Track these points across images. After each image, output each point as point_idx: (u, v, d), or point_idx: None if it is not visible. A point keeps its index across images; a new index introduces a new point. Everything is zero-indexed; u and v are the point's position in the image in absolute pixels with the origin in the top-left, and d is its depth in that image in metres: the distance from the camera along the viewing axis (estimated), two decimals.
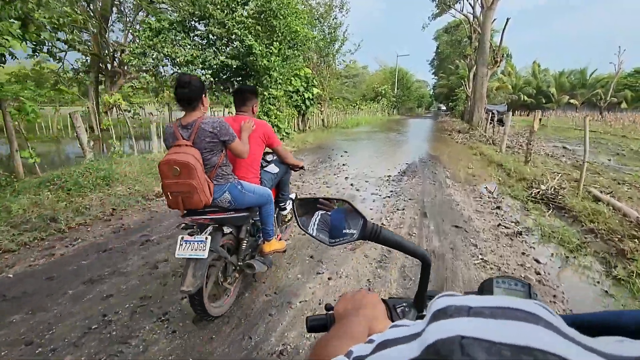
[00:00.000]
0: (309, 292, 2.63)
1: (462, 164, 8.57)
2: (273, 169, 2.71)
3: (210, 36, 11.16)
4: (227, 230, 2.26)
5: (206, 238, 1.97)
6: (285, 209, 3.06)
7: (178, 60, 10.38)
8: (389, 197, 5.29)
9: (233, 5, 10.70)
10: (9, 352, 1.96)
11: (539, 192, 5.27)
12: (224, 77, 12.92)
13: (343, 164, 8.06)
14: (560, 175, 6.06)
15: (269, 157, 2.81)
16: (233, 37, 10.91)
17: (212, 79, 12.52)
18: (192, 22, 10.95)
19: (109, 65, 15.86)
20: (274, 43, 11.30)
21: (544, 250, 3.52)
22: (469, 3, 21.05)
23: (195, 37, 11.61)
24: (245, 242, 2.39)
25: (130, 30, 15.45)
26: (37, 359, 1.92)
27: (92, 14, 14.40)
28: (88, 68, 15.41)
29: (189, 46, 10.87)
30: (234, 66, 11.38)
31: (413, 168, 7.79)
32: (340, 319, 0.54)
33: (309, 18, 18.17)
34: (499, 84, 38.83)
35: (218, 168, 2.08)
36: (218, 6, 10.54)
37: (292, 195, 3.18)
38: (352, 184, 6.07)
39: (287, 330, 2.18)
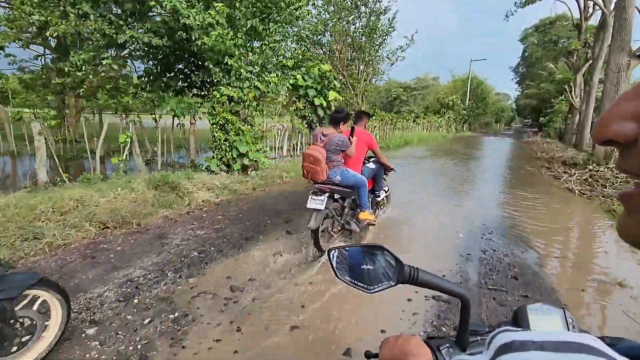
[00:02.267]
0: None
1: None
2: (371, 165, 4.05)
3: None
4: (336, 197, 3.48)
5: (324, 198, 3.23)
6: (379, 196, 4.28)
7: (51, 34, 6.07)
8: None
9: None
10: None
11: None
12: (171, 69, 8.42)
13: (233, 301, 2.66)
14: None
15: (369, 160, 4.14)
16: None
17: (127, 71, 8.05)
18: None
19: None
20: (217, 4, 6.40)
21: None
22: None
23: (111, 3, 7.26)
24: (347, 209, 3.66)
25: None
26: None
27: None
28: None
29: (92, 16, 6.52)
30: (155, 46, 6.74)
31: None
32: None
33: None
34: None
35: (336, 161, 3.42)
36: None
37: (385, 188, 4.45)
38: None
39: None
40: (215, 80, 7.22)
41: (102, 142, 6.44)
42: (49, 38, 6.75)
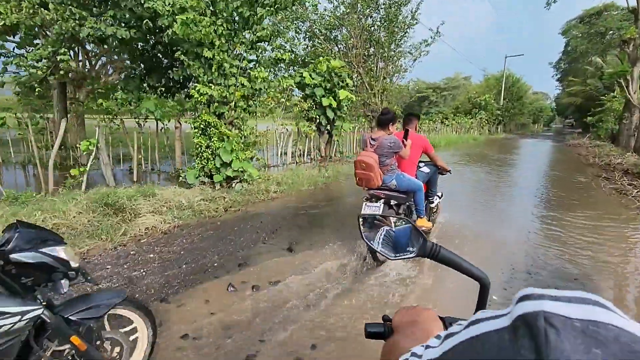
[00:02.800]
0: None
1: None
2: (425, 169, 3.81)
3: None
4: (392, 203, 3.30)
5: (380, 205, 3.17)
6: (432, 202, 4.03)
7: None
8: None
9: None
10: None
11: None
12: (153, 66, 7.44)
13: None
14: None
15: (422, 164, 3.83)
16: None
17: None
18: None
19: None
20: None
21: None
22: None
23: None
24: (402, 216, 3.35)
25: None
26: None
27: None
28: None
29: (51, 4, 5.61)
30: (123, 39, 5.73)
31: None
32: (398, 330, 0.57)
33: None
34: None
35: (389, 165, 3.25)
36: None
37: (439, 194, 4.17)
38: None
39: None
40: (194, 77, 6.13)
41: (56, 150, 5.50)
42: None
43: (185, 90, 8.35)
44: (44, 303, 1.39)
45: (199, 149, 6.47)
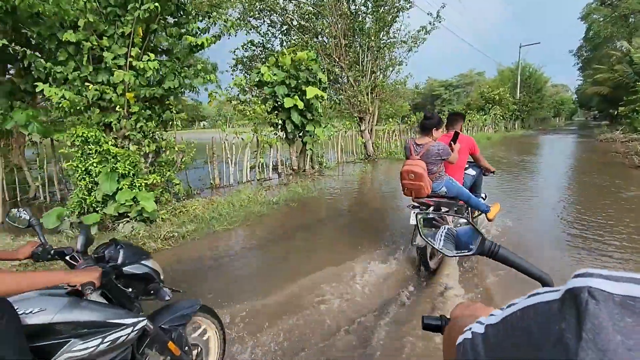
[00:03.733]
0: None
1: None
2: (471, 172, 3.73)
3: None
4: (443, 209, 3.18)
5: (430, 212, 2.82)
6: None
7: None
8: None
9: None
10: None
11: None
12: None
13: None
14: None
15: (467, 166, 3.69)
16: None
17: None
18: None
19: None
20: None
21: None
22: None
23: None
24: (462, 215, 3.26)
25: None
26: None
27: None
28: None
29: None
30: None
31: None
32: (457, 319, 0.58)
33: None
34: None
35: (437, 173, 3.11)
36: None
37: (483, 195, 3.94)
38: None
39: None
40: (47, 72, 4.21)
41: None
42: None
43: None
44: (142, 313, 1.42)
45: (76, 174, 4.56)
